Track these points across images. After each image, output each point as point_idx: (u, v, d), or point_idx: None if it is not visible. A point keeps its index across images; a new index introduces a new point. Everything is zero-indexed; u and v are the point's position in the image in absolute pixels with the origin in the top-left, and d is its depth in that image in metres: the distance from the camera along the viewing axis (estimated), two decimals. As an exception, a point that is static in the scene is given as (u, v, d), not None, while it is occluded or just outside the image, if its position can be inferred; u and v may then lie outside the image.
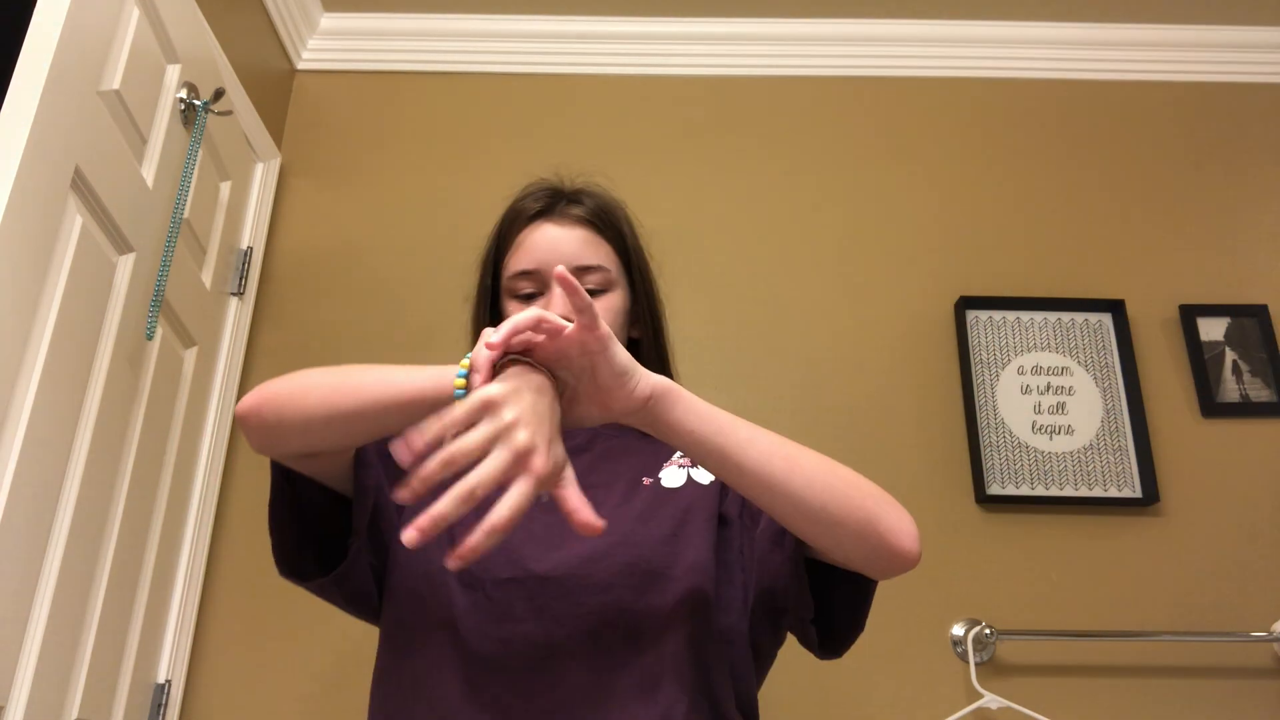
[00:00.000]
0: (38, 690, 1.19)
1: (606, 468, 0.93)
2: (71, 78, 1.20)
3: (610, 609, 0.80)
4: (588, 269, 0.93)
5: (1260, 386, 1.86)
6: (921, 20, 2.15)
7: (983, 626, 1.64)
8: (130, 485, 1.43)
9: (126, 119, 1.36)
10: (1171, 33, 2.16)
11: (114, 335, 1.35)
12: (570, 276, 0.66)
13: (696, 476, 0.91)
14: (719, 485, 0.90)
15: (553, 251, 0.93)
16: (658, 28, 2.16)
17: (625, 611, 0.81)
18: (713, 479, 0.90)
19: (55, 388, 1.20)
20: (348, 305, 1.93)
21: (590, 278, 0.93)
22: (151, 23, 1.42)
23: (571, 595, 0.81)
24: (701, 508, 0.88)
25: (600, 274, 0.94)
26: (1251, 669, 1.67)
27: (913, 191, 2.04)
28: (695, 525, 0.86)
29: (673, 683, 0.78)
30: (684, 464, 0.92)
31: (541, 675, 0.79)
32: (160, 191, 1.47)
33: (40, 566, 1.21)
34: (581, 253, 0.93)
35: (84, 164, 1.24)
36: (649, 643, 0.80)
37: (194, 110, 1.55)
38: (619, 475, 0.91)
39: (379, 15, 2.16)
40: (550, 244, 0.94)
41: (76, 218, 1.24)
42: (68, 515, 1.25)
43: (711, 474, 0.77)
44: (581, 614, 0.80)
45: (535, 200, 0.98)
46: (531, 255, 0.94)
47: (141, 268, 1.42)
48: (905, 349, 1.89)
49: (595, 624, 0.80)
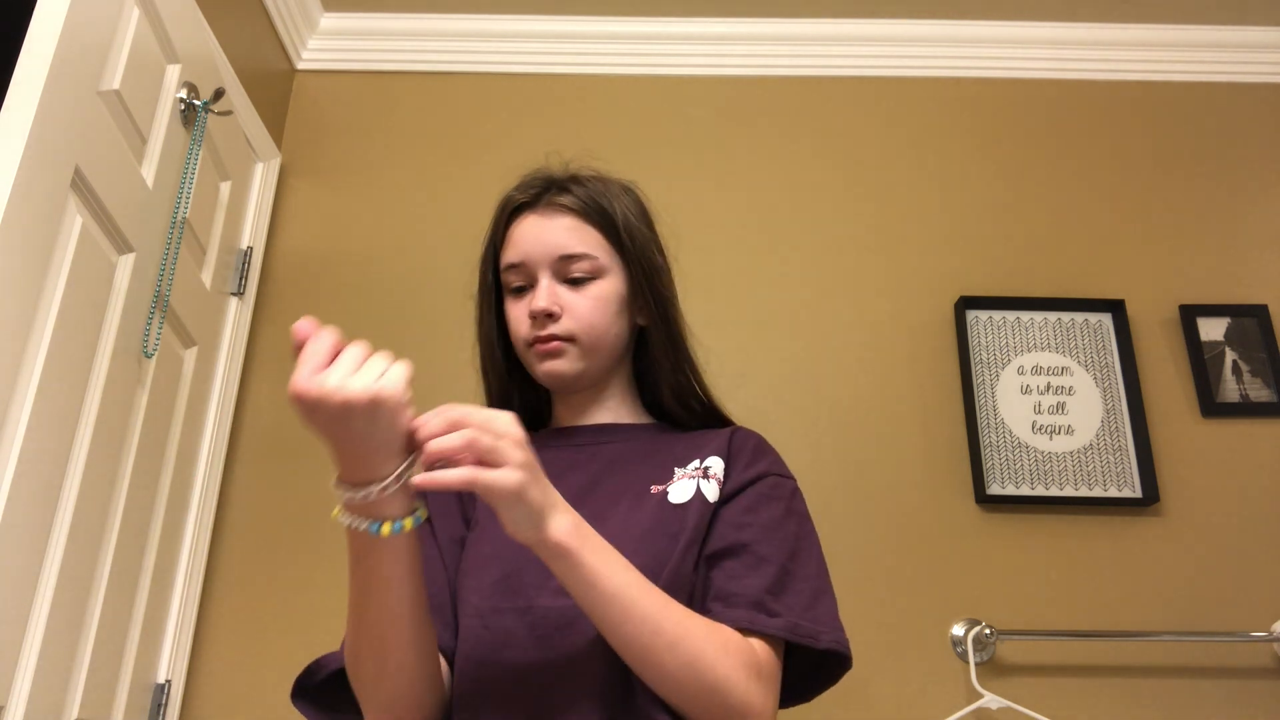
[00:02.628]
0: (38, 690, 1.19)
1: (615, 478, 0.90)
2: (71, 78, 1.20)
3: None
4: (573, 257, 0.92)
5: (1260, 386, 1.86)
6: (921, 20, 2.15)
7: (983, 626, 1.64)
8: (130, 485, 1.43)
9: (126, 119, 1.36)
10: (1171, 33, 2.16)
11: (114, 335, 1.35)
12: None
13: (706, 490, 0.87)
14: (715, 507, 0.87)
15: (538, 242, 0.92)
16: (658, 28, 2.16)
17: None
18: (716, 498, 0.87)
19: (55, 388, 1.20)
20: (348, 305, 1.93)
21: (577, 266, 0.92)
22: (151, 23, 1.42)
23: (575, 625, 0.79)
24: (701, 525, 0.85)
25: (587, 261, 0.92)
26: (1251, 669, 1.67)
27: (913, 191, 2.04)
28: (695, 548, 0.84)
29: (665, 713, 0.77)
30: (695, 475, 0.88)
31: (544, 708, 0.78)
32: (160, 191, 1.47)
33: (40, 566, 1.21)
34: (566, 242, 0.92)
35: (84, 164, 1.24)
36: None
37: (194, 110, 1.55)
38: (627, 486, 0.89)
39: (379, 15, 2.16)
40: (535, 235, 0.93)
41: (77, 218, 1.24)
42: (68, 515, 1.25)
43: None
44: (583, 644, 0.78)
45: (522, 191, 0.97)
46: (518, 248, 0.94)
47: (141, 268, 1.42)
48: (905, 349, 1.89)
49: (598, 653, 0.77)
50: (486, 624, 0.82)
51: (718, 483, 0.88)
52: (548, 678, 0.78)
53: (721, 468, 0.89)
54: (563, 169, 0.99)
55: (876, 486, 1.79)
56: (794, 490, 0.91)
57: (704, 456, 0.90)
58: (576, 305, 0.91)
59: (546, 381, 0.94)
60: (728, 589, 0.80)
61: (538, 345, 0.91)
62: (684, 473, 0.89)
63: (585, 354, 0.92)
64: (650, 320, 0.97)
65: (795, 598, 0.81)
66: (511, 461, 0.65)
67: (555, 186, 0.96)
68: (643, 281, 0.95)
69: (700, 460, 0.90)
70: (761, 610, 0.79)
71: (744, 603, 0.79)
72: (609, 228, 0.94)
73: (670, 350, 0.96)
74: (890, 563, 1.73)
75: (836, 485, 1.78)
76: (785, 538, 0.84)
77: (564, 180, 0.97)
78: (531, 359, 0.94)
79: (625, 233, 0.95)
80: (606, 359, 0.95)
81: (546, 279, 0.92)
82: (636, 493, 0.88)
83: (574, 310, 0.91)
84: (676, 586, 0.80)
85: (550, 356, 0.91)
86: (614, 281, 0.94)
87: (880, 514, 1.76)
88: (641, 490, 0.88)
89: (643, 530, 0.84)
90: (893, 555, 1.73)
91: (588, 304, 0.92)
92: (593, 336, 0.92)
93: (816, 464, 1.79)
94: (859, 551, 1.73)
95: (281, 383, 1.87)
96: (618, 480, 0.90)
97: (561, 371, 0.92)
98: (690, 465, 0.89)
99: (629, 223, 0.96)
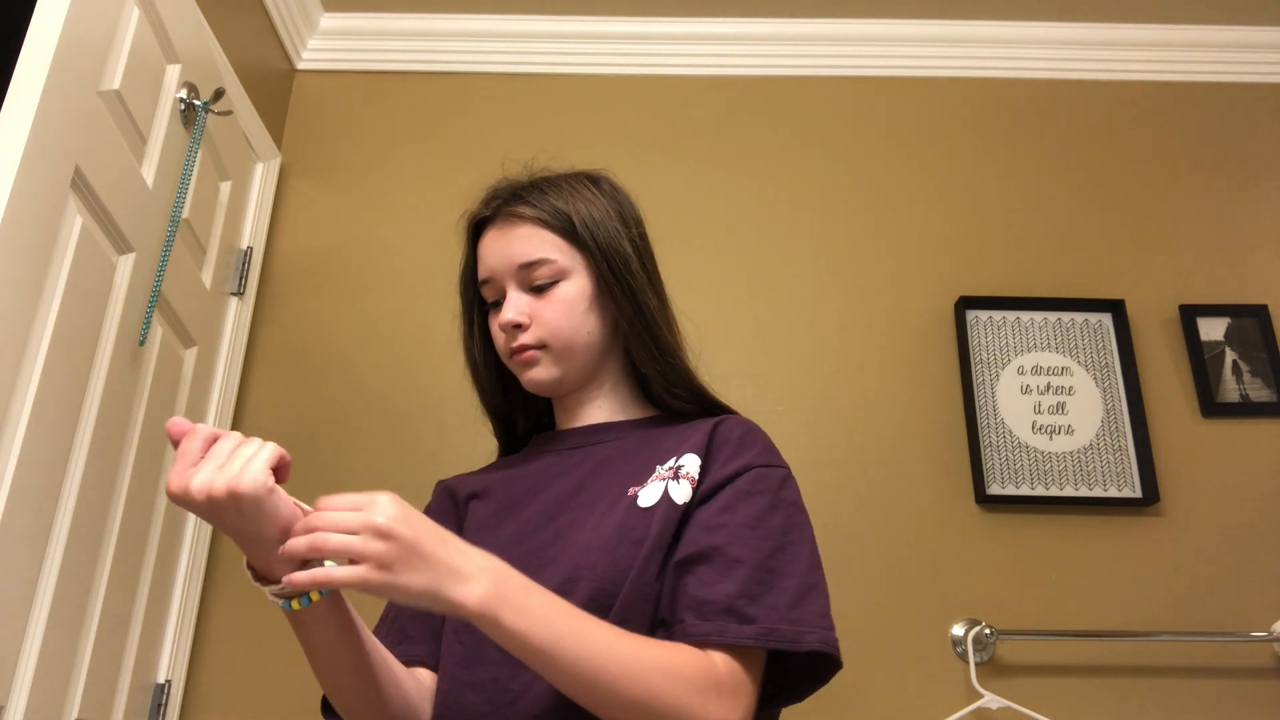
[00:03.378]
0: (38, 690, 1.19)
1: (600, 480, 0.89)
2: (71, 78, 1.20)
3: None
4: (532, 264, 0.92)
5: (1260, 386, 1.86)
6: (922, 20, 2.15)
7: (983, 626, 1.64)
8: (130, 485, 1.43)
9: (126, 119, 1.36)
10: (1171, 33, 2.16)
11: (114, 335, 1.35)
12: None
13: (675, 492, 0.84)
14: (686, 509, 0.83)
15: (500, 257, 0.93)
16: (658, 28, 2.16)
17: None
18: (686, 499, 0.83)
19: (55, 387, 1.20)
20: (348, 305, 1.93)
21: (538, 273, 0.92)
22: (151, 23, 1.42)
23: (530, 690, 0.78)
24: (666, 531, 0.82)
25: (547, 266, 0.92)
26: (1251, 669, 1.67)
27: (913, 191, 2.04)
28: (659, 555, 0.81)
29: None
30: (665, 476, 0.85)
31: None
32: (160, 191, 1.47)
33: (40, 566, 1.21)
34: (523, 250, 0.92)
35: (84, 164, 1.24)
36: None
37: (194, 110, 1.55)
38: (610, 486, 0.88)
39: (379, 15, 2.16)
40: (496, 250, 0.94)
41: (76, 218, 1.24)
42: (68, 515, 1.25)
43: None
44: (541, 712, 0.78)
45: (484, 206, 0.97)
46: (484, 264, 0.95)
47: (141, 268, 1.42)
48: (905, 349, 1.89)
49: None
50: (447, 700, 0.83)
51: (690, 483, 0.84)
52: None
53: (697, 465, 0.85)
54: (525, 175, 0.99)
55: (876, 486, 1.79)
56: (784, 479, 0.86)
57: (680, 454, 0.87)
58: (542, 312, 0.92)
59: (531, 390, 0.95)
60: (700, 597, 0.77)
61: (515, 357, 0.93)
62: (657, 474, 0.86)
63: (559, 359, 0.92)
64: (622, 312, 0.94)
65: (778, 597, 0.77)
66: (366, 556, 0.64)
67: (512, 196, 0.96)
68: (608, 275, 0.93)
69: (676, 459, 0.86)
70: (734, 618, 0.76)
71: (715, 611, 0.76)
72: (566, 228, 0.93)
73: (647, 338, 0.93)
74: (890, 563, 1.73)
75: (836, 485, 1.78)
76: (767, 533, 0.81)
77: (521, 188, 0.96)
78: (515, 370, 0.95)
79: (585, 229, 0.93)
80: (585, 359, 0.94)
81: (513, 290, 0.93)
82: (614, 496, 0.86)
83: (540, 317, 0.92)
84: (640, 596, 0.79)
85: (527, 366, 0.93)
86: (578, 281, 0.93)
87: (880, 514, 1.76)
88: (619, 493, 0.86)
89: (607, 537, 0.82)
90: (893, 555, 1.73)
91: (553, 308, 0.92)
92: (562, 340, 0.92)
93: (816, 464, 1.79)
94: (859, 551, 1.73)
95: (282, 383, 1.87)
96: (601, 482, 0.89)
97: (540, 379, 0.93)
98: (666, 465, 0.87)
99: (589, 218, 0.94)
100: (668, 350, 0.94)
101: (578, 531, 0.77)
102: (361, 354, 1.88)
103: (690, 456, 0.86)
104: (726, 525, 0.81)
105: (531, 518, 0.89)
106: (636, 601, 0.78)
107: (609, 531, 0.82)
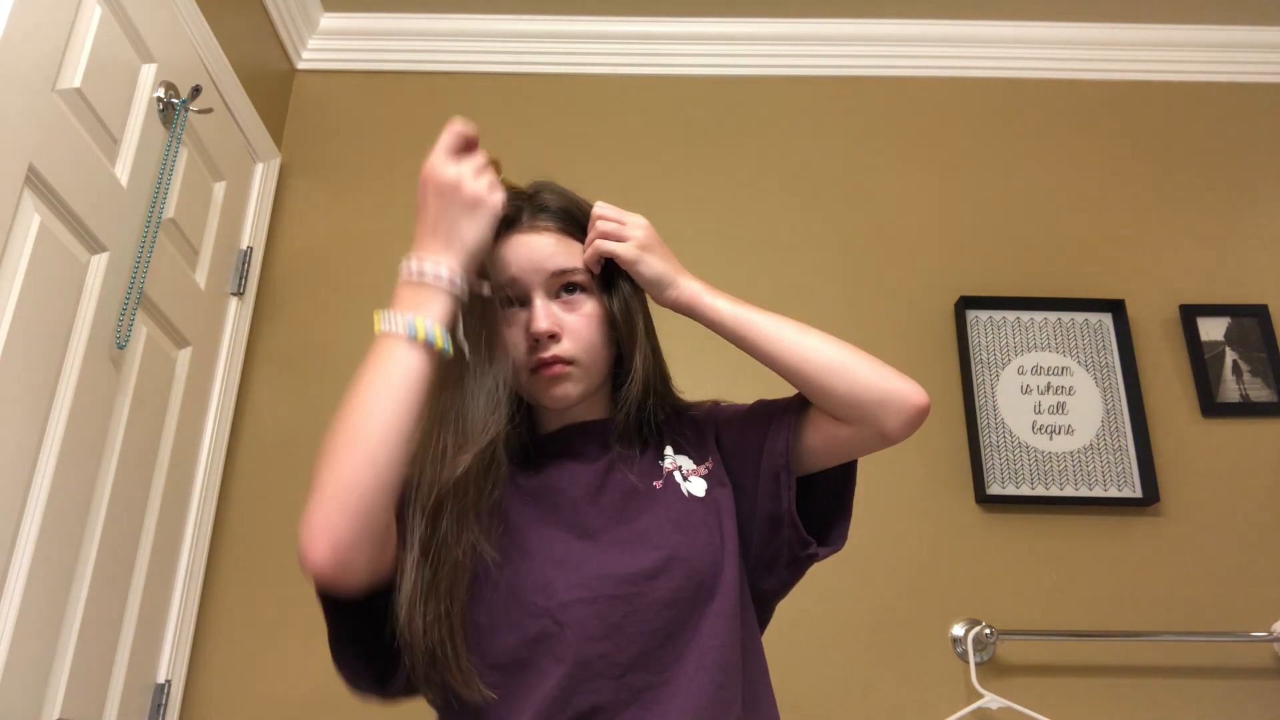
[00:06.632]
0: (14, 687, 1.18)
1: (619, 475, 0.91)
2: (20, 77, 1.17)
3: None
4: (565, 272, 0.90)
5: (1260, 386, 1.86)
6: (921, 20, 2.15)
7: (983, 626, 1.64)
8: (115, 484, 1.40)
9: (91, 117, 1.33)
10: (1171, 33, 2.16)
11: (86, 335, 1.32)
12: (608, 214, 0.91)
13: (698, 488, 0.92)
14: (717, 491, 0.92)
15: (530, 260, 0.89)
16: (658, 28, 2.16)
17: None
18: (704, 490, 0.91)
19: (16, 386, 1.17)
20: (348, 305, 1.92)
21: (570, 281, 0.90)
22: (120, 23, 1.40)
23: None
24: (730, 520, 0.91)
25: (582, 274, 0.91)
26: (1251, 669, 1.67)
27: (913, 191, 2.04)
28: (732, 537, 0.90)
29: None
30: (699, 472, 0.93)
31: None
32: (137, 191, 1.44)
33: (10, 569, 1.18)
34: (556, 257, 0.90)
35: (39, 161, 1.20)
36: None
37: (173, 109, 1.53)
38: (633, 481, 0.91)
39: (379, 15, 2.16)
40: (526, 252, 0.90)
41: (34, 215, 1.21)
42: (37, 515, 1.21)
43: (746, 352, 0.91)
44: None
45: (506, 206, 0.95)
46: (509, 268, 0.90)
47: (118, 267, 1.40)
48: (905, 349, 1.89)
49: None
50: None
51: (702, 476, 0.92)
52: None
53: (691, 465, 0.93)
54: (529, 184, 0.97)
55: (876, 486, 1.78)
56: (717, 403, 1.02)
57: (693, 455, 0.95)
58: (574, 326, 0.89)
59: (549, 404, 0.91)
60: (772, 409, 0.97)
61: (544, 370, 0.88)
62: (681, 469, 0.93)
63: (586, 374, 0.90)
64: (634, 343, 0.93)
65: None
66: (630, 239, 0.89)
67: (531, 203, 0.94)
68: (620, 303, 0.93)
69: (691, 460, 0.94)
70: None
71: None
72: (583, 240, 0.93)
73: (655, 377, 0.95)
74: (890, 563, 1.73)
75: (836, 485, 1.78)
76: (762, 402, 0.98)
77: (536, 195, 0.95)
78: (534, 381, 0.90)
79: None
80: (600, 379, 0.93)
81: (540, 297, 0.89)
82: (649, 490, 0.90)
83: (573, 331, 0.89)
84: (736, 575, 0.87)
85: (556, 380, 0.88)
86: (598, 300, 0.92)
87: (880, 514, 1.76)
88: (649, 487, 0.90)
89: (676, 522, 0.87)
90: (893, 555, 1.73)
91: (584, 323, 0.90)
92: (591, 357, 0.90)
93: (816, 464, 1.79)
94: (859, 551, 1.72)
95: (283, 383, 1.87)
96: (621, 478, 0.90)
97: (570, 395, 0.89)
98: (677, 463, 0.93)
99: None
100: (668, 380, 0.99)
101: (636, 519, 0.85)
102: (362, 354, 1.87)
103: (686, 460, 0.94)
104: (750, 427, 0.95)
105: (590, 516, 0.88)
106: (736, 586, 0.86)
107: (674, 517, 0.87)
